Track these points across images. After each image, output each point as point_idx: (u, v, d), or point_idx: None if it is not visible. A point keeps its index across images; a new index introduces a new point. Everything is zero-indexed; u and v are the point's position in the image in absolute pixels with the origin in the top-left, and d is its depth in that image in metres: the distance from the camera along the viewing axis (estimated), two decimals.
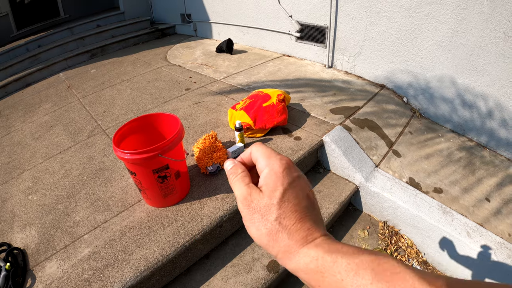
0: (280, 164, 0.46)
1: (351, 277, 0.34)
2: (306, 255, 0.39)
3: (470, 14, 2.86)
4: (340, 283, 0.34)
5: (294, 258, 0.40)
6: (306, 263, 0.38)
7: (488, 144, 3.15)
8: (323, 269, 0.36)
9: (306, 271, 0.38)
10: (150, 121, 2.29)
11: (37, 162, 3.07)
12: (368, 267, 0.33)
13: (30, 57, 6.14)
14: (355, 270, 0.34)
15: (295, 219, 0.42)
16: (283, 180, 0.45)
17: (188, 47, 6.29)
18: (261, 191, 0.45)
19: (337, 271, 0.35)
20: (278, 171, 0.45)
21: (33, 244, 2.15)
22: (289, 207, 0.43)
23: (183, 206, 2.26)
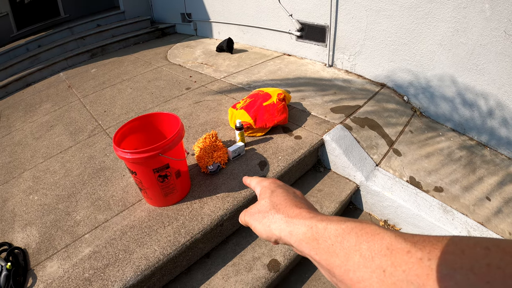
0: (267, 181, 0.59)
1: (339, 242, 0.37)
2: (303, 224, 0.43)
3: (470, 12, 2.86)
4: (331, 248, 0.38)
5: (294, 231, 0.44)
6: (304, 232, 0.42)
7: (489, 143, 3.15)
8: (317, 236, 0.40)
9: (306, 240, 0.41)
10: (150, 120, 2.29)
11: (37, 162, 3.07)
12: (352, 231, 0.37)
13: (30, 57, 6.14)
14: (342, 235, 0.37)
15: (285, 204, 0.50)
16: (271, 187, 0.57)
17: (188, 46, 6.28)
18: (257, 201, 0.56)
19: (328, 237, 0.39)
20: (266, 185, 0.58)
21: (34, 243, 2.15)
22: (280, 198, 0.52)
23: (184, 205, 2.26)
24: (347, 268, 0.35)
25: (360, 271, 0.33)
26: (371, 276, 0.32)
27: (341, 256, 0.36)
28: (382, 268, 0.32)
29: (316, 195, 2.68)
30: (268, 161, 2.63)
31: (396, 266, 0.31)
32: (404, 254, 0.31)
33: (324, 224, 0.40)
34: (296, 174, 2.77)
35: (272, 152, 2.73)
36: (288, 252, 2.19)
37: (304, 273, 2.32)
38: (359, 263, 0.34)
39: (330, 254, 0.37)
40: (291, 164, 2.61)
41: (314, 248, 0.40)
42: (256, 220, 0.52)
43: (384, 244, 0.33)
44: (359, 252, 0.34)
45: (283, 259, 2.15)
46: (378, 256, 0.33)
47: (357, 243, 0.35)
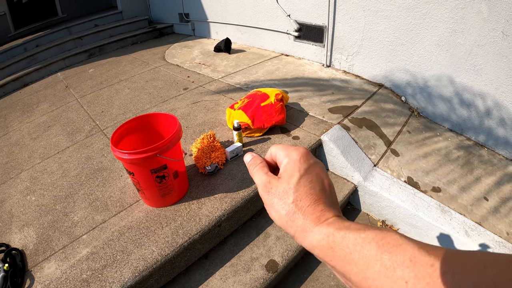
0: (297, 153, 0.51)
1: (358, 250, 0.37)
2: (319, 232, 0.42)
3: (468, 13, 2.86)
4: (349, 256, 0.37)
5: (308, 237, 0.43)
6: (319, 240, 0.41)
7: (486, 143, 3.16)
8: (334, 244, 0.39)
9: (319, 248, 0.41)
10: (148, 121, 2.28)
11: (35, 162, 3.07)
12: (373, 241, 0.36)
13: (28, 57, 6.13)
14: (361, 244, 0.37)
15: (309, 201, 0.46)
16: (300, 167, 0.50)
17: (186, 46, 6.28)
18: (280, 178, 0.50)
19: (346, 246, 0.38)
20: (296, 159, 0.51)
21: (31, 244, 2.15)
22: (305, 190, 0.47)
23: (182, 206, 2.26)
24: (365, 276, 0.35)
25: (380, 280, 0.34)
26: (391, 286, 0.32)
27: (359, 265, 0.36)
28: (404, 279, 0.32)
29: None
30: None
31: (419, 278, 0.31)
32: (428, 267, 0.31)
33: (343, 233, 0.40)
34: None
35: None
36: (286, 253, 2.19)
37: (302, 273, 2.33)
38: (380, 273, 0.34)
39: (347, 262, 0.37)
40: None
41: (328, 255, 0.40)
42: (273, 206, 0.49)
43: (407, 256, 0.33)
44: (380, 262, 0.34)
45: (281, 259, 2.15)
46: (401, 268, 0.33)
47: (378, 253, 0.35)
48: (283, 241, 2.27)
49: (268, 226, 2.41)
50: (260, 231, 2.38)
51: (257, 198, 2.42)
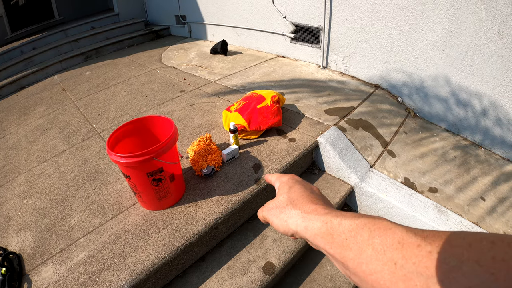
0: (286, 176, 0.61)
1: (353, 236, 0.39)
2: (318, 220, 0.45)
3: (464, 14, 2.87)
4: (345, 242, 0.39)
5: (309, 226, 0.46)
6: (319, 227, 0.44)
7: (483, 143, 3.16)
8: (332, 230, 0.42)
9: (321, 235, 0.43)
10: (144, 124, 2.28)
11: (32, 166, 3.06)
12: (365, 226, 0.39)
13: (24, 60, 6.12)
14: (355, 230, 0.39)
15: (304, 200, 0.52)
16: (289, 182, 0.59)
17: (182, 48, 6.28)
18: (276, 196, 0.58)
19: (342, 231, 0.41)
20: (285, 180, 0.60)
21: (28, 248, 2.15)
22: (297, 194, 0.54)
23: (178, 209, 2.26)
24: (360, 261, 0.37)
25: (372, 264, 0.35)
26: (382, 268, 0.34)
27: (354, 250, 0.38)
28: (393, 261, 0.33)
29: None
30: (263, 163, 2.63)
31: (407, 259, 0.32)
32: (415, 248, 0.33)
33: (339, 219, 0.42)
34: None
35: (266, 154, 2.73)
36: (283, 255, 2.19)
37: (299, 275, 2.33)
38: (372, 256, 0.36)
39: (344, 248, 0.39)
40: (286, 166, 2.61)
41: (328, 243, 0.42)
42: (273, 215, 0.54)
43: (396, 238, 0.35)
44: (371, 246, 0.36)
45: (278, 261, 2.15)
46: (390, 250, 0.35)
47: (370, 237, 0.37)
48: (280, 243, 2.27)
49: (265, 228, 2.41)
50: (257, 233, 2.38)
51: (254, 200, 2.42)
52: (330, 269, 2.34)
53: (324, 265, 2.38)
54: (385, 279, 0.33)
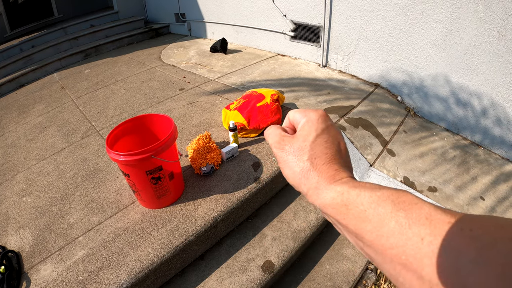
0: (315, 114, 0.51)
1: (373, 208, 0.36)
2: (333, 190, 0.42)
3: (464, 13, 2.86)
4: (363, 213, 0.37)
5: (322, 194, 0.43)
6: (333, 197, 0.41)
7: (483, 142, 3.16)
8: (348, 202, 0.39)
9: (333, 205, 0.41)
10: (143, 122, 2.28)
11: (31, 164, 3.06)
12: (388, 199, 0.36)
13: (23, 58, 6.11)
14: (377, 202, 0.37)
15: (324, 160, 0.46)
16: (318, 126, 0.49)
17: (182, 46, 6.27)
18: (295, 136, 0.50)
19: (360, 203, 0.38)
20: (314, 119, 0.50)
21: (27, 246, 2.14)
22: (320, 149, 0.47)
23: (177, 207, 2.25)
24: (379, 234, 0.35)
25: (394, 238, 0.33)
26: (406, 243, 0.32)
27: (374, 222, 0.36)
28: (420, 236, 0.31)
29: None
30: (262, 162, 2.63)
31: (436, 235, 0.31)
32: (445, 224, 0.31)
33: (358, 190, 0.39)
34: None
35: (265, 153, 2.72)
36: (283, 254, 2.19)
37: (298, 274, 2.32)
38: (394, 230, 0.34)
39: (361, 220, 0.37)
40: None
41: (341, 213, 0.40)
42: (287, 163, 0.49)
43: (423, 214, 0.33)
44: (395, 219, 0.34)
45: (277, 260, 2.15)
46: (416, 225, 0.32)
47: (394, 210, 0.35)
48: (279, 242, 2.27)
49: (264, 226, 2.41)
50: (256, 232, 2.37)
51: (253, 199, 2.42)
52: (329, 268, 2.34)
53: (323, 264, 2.38)
54: (407, 254, 0.32)
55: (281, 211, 2.53)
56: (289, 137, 0.50)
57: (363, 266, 2.35)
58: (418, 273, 0.31)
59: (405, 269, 0.32)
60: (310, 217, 2.47)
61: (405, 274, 0.32)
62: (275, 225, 2.41)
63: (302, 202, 2.61)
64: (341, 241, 2.55)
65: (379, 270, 0.38)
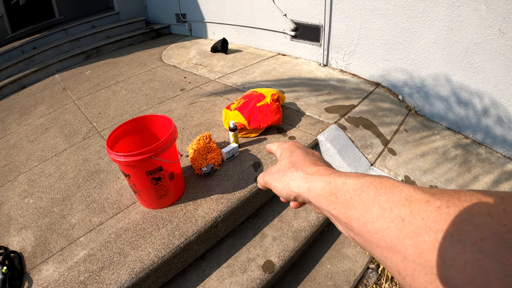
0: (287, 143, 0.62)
1: (358, 195, 0.38)
2: (321, 180, 0.44)
3: (464, 11, 2.86)
4: (350, 201, 0.39)
5: (312, 187, 0.45)
6: (322, 188, 0.43)
7: (484, 141, 3.16)
8: (336, 190, 0.41)
9: (324, 195, 0.43)
10: (143, 122, 2.28)
11: (32, 165, 3.07)
12: (371, 185, 0.38)
13: (25, 59, 6.13)
14: (361, 189, 0.38)
15: (304, 163, 0.51)
16: (291, 147, 0.58)
17: (183, 47, 6.28)
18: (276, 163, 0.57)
19: (346, 191, 0.40)
20: (286, 147, 0.60)
21: (29, 247, 2.15)
22: (298, 158, 0.54)
23: (178, 208, 2.26)
24: (365, 220, 0.36)
25: (378, 222, 0.34)
26: (389, 226, 0.33)
27: (359, 209, 0.37)
28: (401, 217, 0.32)
29: None
30: (262, 162, 2.63)
31: (415, 214, 0.31)
32: (423, 204, 0.32)
33: (343, 179, 0.41)
34: None
35: (266, 153, 2.72)
36: (283, 253, 2.19)
37: (299, 273, 2.32)
38: (378, 214, 0.35)
39: (348, 208, 0.39)
40: None
41: (332, 203, 0.41)
42: (275, 180, 0.53)
43: (403, 195, 0.34)
44: (377, 203, 0.35)
45: (278, 260, 2.15)
46: (397, 206, 0.33)
47: (376, 195, 0.36)
48: (279, 242, 2.27)
49: (265, 226, 2.41)
50: (256, 231, 2.38)
51: (253, 199, 2.42)
52: (330, 267, 2.34)
53: (324, 263, 2.38)
54: (391, 237, 0.33)
55: (282, 211, 2.53)
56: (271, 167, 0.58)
57: (364, 266, 2.35)
58: (402, 254, 0.31)
59: (391, 252, 0.33)
60: (311, 216, 2.47)
61: (392, 257, 0.33)
62: (275, 225, 2.41)
63: None
64: (342, 241, 2.55)
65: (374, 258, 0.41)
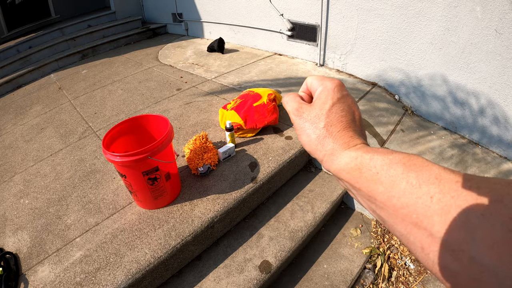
0: (332, 83, 0.52)
1: (385, 170, 0.38)
2: (347, 155, 0.44)
3: (461, 11, 2.86)
4: (376, 176, 0.39)
5: (336, 160, 0.45)
6: (347, 163, 0.43)
7: (481, 141, 3.16)
8: (361, 165, 0.41)
9: (347, 170, 0.43)
10: (139, 122, 2.28)
11: (28, 165, 3.05)
12: (400, 162, 0.38)
13: (20, 59, 6.09)
14: (388, 164, 0.38)
15: (340, 127, 0.48)
16: (334, 95, 0.51)
17: (179, 46, 6.27)
18: (312, 104, 0.52)
19: (373, 166, 0.40)
20: (330, 88, 0.52)
21: (25, 248, 2.14)
22: (336, 117, 0.49)
23: (174, 208, 2.25)
24: (391, 195, 0.36)
25: (405, 197, 0.34)
26: (416, 201, 0.33)
27: (385, 184, 0.37)
28: (429, 194, 0.33)
29: (308, 195, 2.67)
30: (259, 162, 2.62)
31: (444, 193, 0.32)
32: (453, 183, 0.32)
33: (371, 154, 0.41)
34: (287, 174, 2.77)
35: (262, 153, 2.72)
36: (280, 253, 2.19)
37: (296, 273, 2.32)
38: (405, 190, 0.35)
39: (373, 182, 0.39)
40: (282, 164, 2.60)
41: (354, 177, 0.41)
42: (303, 130, 0.51)
43: (433, 174, 0.34)
44: (405, 179, 0.35)
45: (274, 260, 2.15)
46: (426, 184, 0.33)
47: (405, 171, 0.36)
48: (276, 242, 2.27)
49: (262, 226, 2.41)
50: (253, 232, 2.37)
51: (250, 199, 2.42)
52: (327, 267, 2.34)
53: (320, 263, 2.38)
54: (418, 213, 0.33)
55: (278, 211, 2.53)
56: (307, 105, 0.53)
57: (361, 266, 2.35)
58: (428, 230, 0.32)
59: (416, 227, 0.33)
60: (307, 216, 2.47)
61: (416, 233, 0.33)
62: (272, 225, 2.41)
63: (299, 202, 2.61)
64: (339, 241, 2.55)
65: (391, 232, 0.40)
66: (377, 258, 2.44)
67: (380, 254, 2.44)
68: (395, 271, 2.40)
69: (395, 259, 2.46)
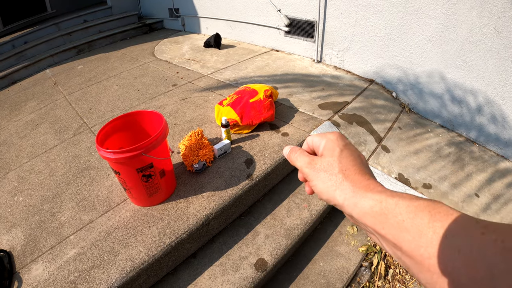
0: (333, 134, 0.55)
1: (411, 218, 0.37)
2: (371, 198, 0.43)
3: (460, 9, 2.85)
4: (402, 224, 0.38)
5: (359, 203, 0.44)
6: (371, 206, 0.42)
7: (478, 139, 3.16)
8: (387, 211, 0.40)
9: (372, 214, 0.42)
10: (134, 118, 2.25)
11: (22, 162, 3.03)
12: (425, 210, 0.37)
13: (16, 54, 6.04)
14: (414, 212, 0.38)
15: (354, 171, 0.48)
16: (339, 143, 0.53)
17: (175, 42, 6.24)
18: (322, 155, 0.53)
19: (399, 213, 0.39)
20: (334, 138, 0.54)
21: (19, 246, 2.12)
22: (348, 161, 0.50)
23: (169, 205, 2.23)
24: (418, 244, 0.36)
25: (432, 248, 0.34)
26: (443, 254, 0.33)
27: (412, 232, 0.37)
28: (457, 247, 0.33)
29: (304, 193, 2.66)
30: (255, 158, 2.61)
31: (471, 246, 0.32)
32: (479, 235, 0.32)
33: (396, 199, 0.41)
34: (283, 171, 2.75)
35: (258, 149, 2.71)
36: (276, 251, 2.18)
37: (292, 271, 2.31)
38: (432, 240, 0.35)
39: (400, 230, 0.38)
40: (278, 161, 2.59)
41: (380, 223, 0.41)
42: (320, 180, 0.51)
43: (459, 225, 0.34)
44: (432, 229, 0.35)
45: (270, 258, 2.14)
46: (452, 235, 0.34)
47: (431, 221, 0.36)
48: (272, 240, 2.25)
49: (257, 224, 2.39)
50: (249, 229, 2.36)
51: (245, 196, 2.40)
52: (323, 265, 2.33)
53: (317, 261, 2.36)
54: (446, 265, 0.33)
55: (274, 208, 2.52)
56: (317, 158, 0.53)
57: (357, 264, 2.34)
58: (455, 282, 0.32)
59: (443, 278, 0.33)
60: (304, 214, 2.45)
61: (443, 283, 0.33)
62: (268, 223, 2.40)
63: (295, 199, 2.59)
64: (335, 239, 2.53)
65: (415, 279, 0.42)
66: (374, 256, 2.43)
67: (377, 252, 2.43)
68: (392, 269, 2.39)
69: (391, 257, 2.45)
